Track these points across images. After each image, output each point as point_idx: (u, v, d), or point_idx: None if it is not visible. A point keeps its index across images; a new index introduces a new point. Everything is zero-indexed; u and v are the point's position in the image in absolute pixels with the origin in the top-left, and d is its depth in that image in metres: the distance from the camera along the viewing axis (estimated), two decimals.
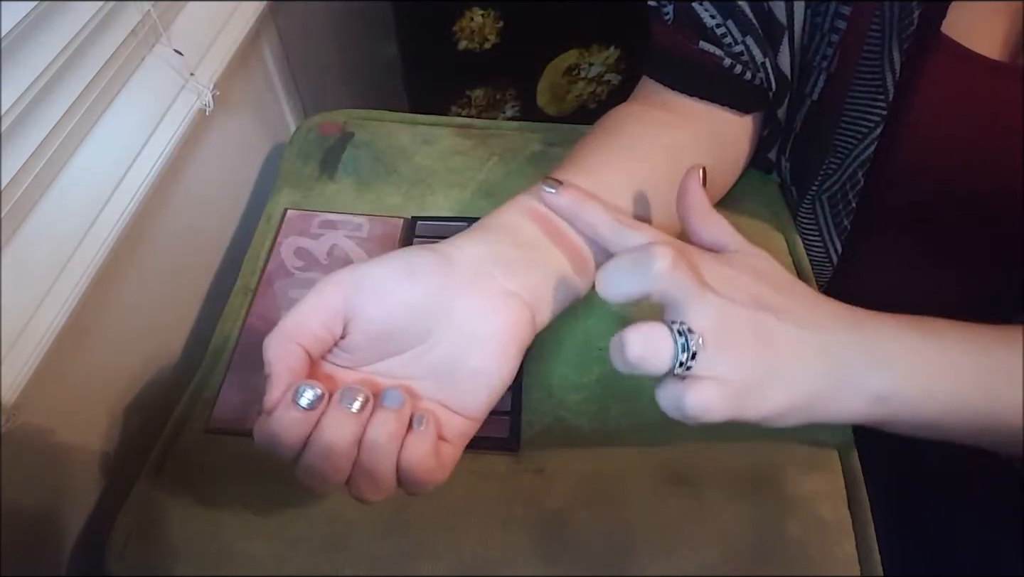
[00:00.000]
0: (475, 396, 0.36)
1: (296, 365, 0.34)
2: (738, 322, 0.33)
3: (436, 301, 0.35)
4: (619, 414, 0.45)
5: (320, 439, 0.32)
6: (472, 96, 0.95)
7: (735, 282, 0.35)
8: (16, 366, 0.37)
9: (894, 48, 0.44)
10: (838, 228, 0.52)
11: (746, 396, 0.33)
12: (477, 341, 0.35)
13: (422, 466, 0.33)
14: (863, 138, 0.47)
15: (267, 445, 0.33)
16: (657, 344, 0.32)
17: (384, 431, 0.33)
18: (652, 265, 0.33)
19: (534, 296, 0.38)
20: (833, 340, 0.35)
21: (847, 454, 0.43)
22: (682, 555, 0.39)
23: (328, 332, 0.35)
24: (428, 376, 0.36)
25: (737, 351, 0.33)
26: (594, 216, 0.38)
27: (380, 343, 0.36)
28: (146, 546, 0.40)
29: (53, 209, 0.43)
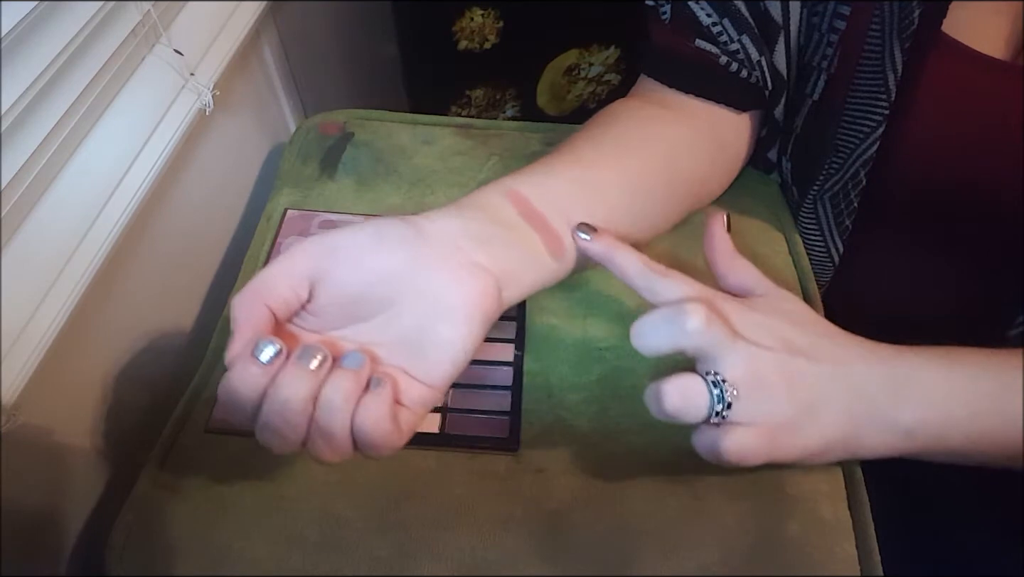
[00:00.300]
0: (438, 364, 0.36)
1: (260, 323, 0.34)
2: (769, 368, 0.35)
3: (404, 270, 0.36)
4: (619, 414, 0.45)
5: (276, 394, 0.33)
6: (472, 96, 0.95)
7: (764, 327, 0.36)
8: (16, 366, 0.37)
9: (895, 47, 0.44)
10: (840, 228, 0.52)
11: (780, 438, 0.35)
12: (443, 310, 0.36)
13: (376, 428, 0.33)
14: (865, 138, 0.47)
15: (227, 401, 0.33)
16: (694, 396, 0.34)
17: (340, 390, 0.33)
18: (686, 323, 0.34)
19: (502, 271, 0.38)
20: (861, 378, 0.37)
21: None
22: (682, 555, 0.39)
23: (295, 295, 0.35)
24: (392, 343, 0.36)
25: (770, 396, 0.35)
26: (627, 263, 0.39)
27: (346, 308, 0.36)
28: (146, 546, 0.40)
29: (53, 209, 0.43)
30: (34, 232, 0.42)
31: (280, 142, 0.71)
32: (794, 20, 0.48)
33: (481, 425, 0.44)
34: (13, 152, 0.40)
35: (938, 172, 0.47)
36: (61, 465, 0.43)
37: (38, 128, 0.41)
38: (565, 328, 0.49)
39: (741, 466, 0.35)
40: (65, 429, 0.43)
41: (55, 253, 0.42)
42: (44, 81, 0.41)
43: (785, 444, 0.35)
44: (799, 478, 0.42)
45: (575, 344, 0.49)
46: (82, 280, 0.41)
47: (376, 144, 0.62)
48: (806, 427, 0.36)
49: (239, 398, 0.33)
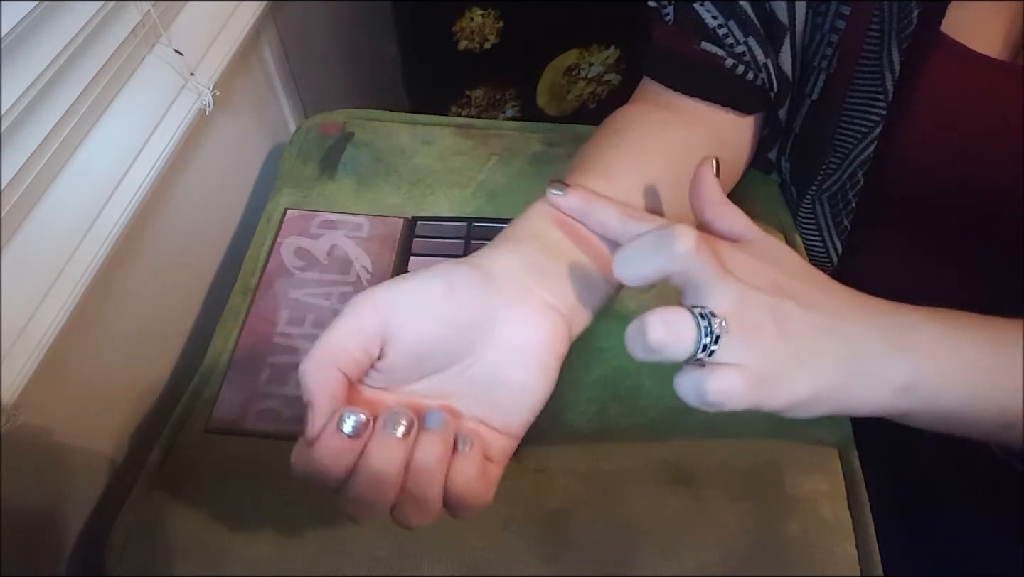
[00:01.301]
0: (516, 412, 0.35)
1: (336, 391, 0.33)
2: (760, 308, 0.33)
3: (477, 316, 0.34)
4: (619, 414, 0.45)
5: (367, 467, 0.31)
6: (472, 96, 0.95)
7: (755, 269, 0.34)
8: (16, 366, 0.37)
9: (893, 48, 0.44)
10: (838, 228, 0.52)
11: (768, 384, 0.33)
12: (518, 356, 0.35)
13: (471, 489, 0.32)
14: (863, 138, 0.47)
15: (308, 474, 0.32)
16: (680, 328, 0.31)
17: (431, 455, 0.32)
18: (674, 245, 0.32)
19: (570, 307, 0.37)
20: (856, 329, 0.35)
21: (847, 454, 0.43)
22: (682, 555, 0.39)
23: (366, 354, 0.33)
24: (467, 393, 0.35)
25: (759, 337, 0.32)
26: (604, 212, 0.38)
27: (419, 362, 0.35)
28: (146, 546, 0.40)
29: (53, 209, 0.43)
30: (34, 232, 0.42)
31: (280, 142, 0.71)
32: (800, 21, 0.48)
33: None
34: (13, 152, 0.40)
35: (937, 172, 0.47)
36: (61, 465, 0.43)
37: (38, 128, 0.41)
38: None
39: (724, 409, 0.32)
40: (65, 429, 0.43)
41: (55, 253, 0.42)
42: (44, 81, 0.41)
43: (773, 391, 0.33)
44: (799, 478, 0.42)
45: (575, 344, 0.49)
46: (82, 280, 0.41)
47: (376, 144, 0.62)
48: (795, 374, 0.33)
49: (325, 473, 0.32)
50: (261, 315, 0.50)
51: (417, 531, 0.40)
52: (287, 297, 0.51)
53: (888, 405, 0.35)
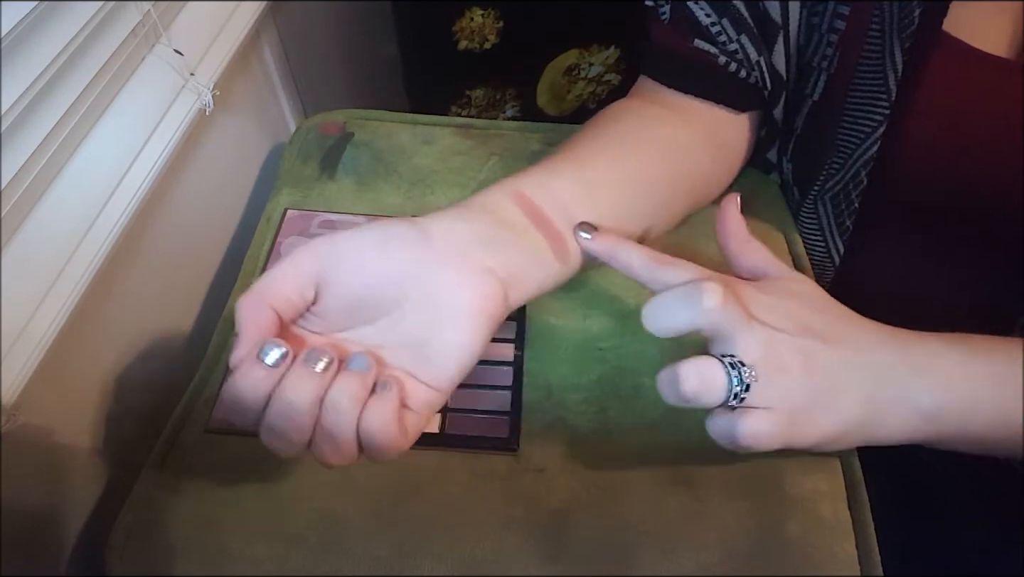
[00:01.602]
0: (444, 367, 0.36)
1: (265, 325, 0.34)
2: (786, 350, 0.35)
3: (411, 272, 0.36)
4: (619, 414, 0.45)
5: (282, 397, 0.32)
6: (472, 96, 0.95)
7: (780, 310, 0.36)
8: (16, 366, 0.37)
9: (895, 47, 0.44)
10: (840, 228, 0.52)
11: (797, 423, 0.34)
12: (448, 314, 0.36)
13: (383, 430, 0.33)
14: (866, 137, 0.47)
15: (232, 404, 0.33)
16: (712, 378, 0.33)
17: (346, 392, 0.33)
18: (702, 301, 0.34)
19: (509, 274, 0.38)
20: (879, 360, 0.36)
21: (847, 454, 0.43)
22: (682, 555, 0.39)
23: (300, 296, 0.35)
24: (397, 345, 0.36)
25: (787, 379, 0.34)
26: (631, 258, 0.39)
27: (352, 310, 0.36)
28: (146, 546, 0.40)
29: (53, 209, 0.43)
30: (34, 232, 0.42)
31: (280, 142, 0.71)
32: (793, 20, 0.48)
33: (481, 425, 0.44)
34: (13, 152, 0.40)
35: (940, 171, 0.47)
36: (61, 465, 0.43)
37: (38, 128, 0.41)
38: (565, 328, 0.49)
39: (757, 451, 0.35)
40: (65, 429, 0.43)
41: (55, 253, 0.42)
42: (44, 81, 0.41)
43: (803, 429, 0.35)
44: (799, 478, 0.42)
45: (575, 344, 0.49)
46: (82, 280, 0.41)
47: (376, 144, 0.62)
48: (824, 412, 0.35)
49: (244, 401, 0.33)
50: None
51: (417, 531, 0.40)
52: None
53: (915, 433, 0.37)
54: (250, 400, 0.33)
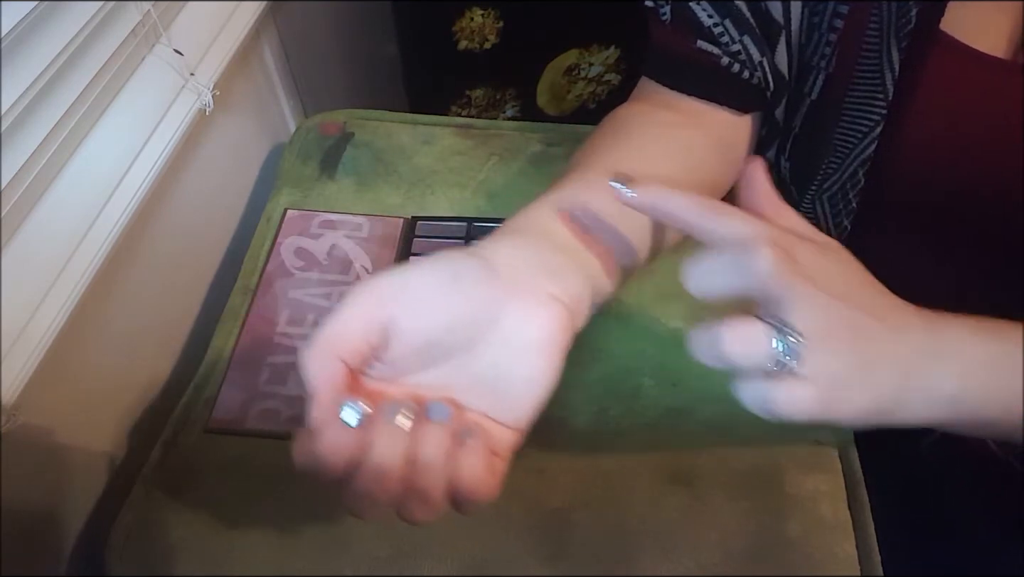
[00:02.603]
0: (521, 406, 0.34)
1: (339, 381, 0.32)
2: (839, 322, 0.33)
3: (481, 308, 0.34)
4: (619, 414, 0.45)
5: (371, 459, 0.31)
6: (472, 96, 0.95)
7: (831, 274, 0.34)
8: (16, 366, 0.37)
9: (892, 47, 0.44)
10: (839, 228, 0.52)
11: (835, 397, 0.33)
12: (522, 348, 0.34)
13: (477, 482, 0.31)
14: (863, 137, 0.47)
15: (311, 468, 0.31)
16: (756, 343, 0.31)
17: (436, 447, 0.31)
18: (754, 265, 0.31)
19: (574, 300, 0.36)
20: (914, 342, 0.35)
21: (847, 454, 0.43)
22: (682, 555, 0.39)
23: (368, 344, 0.33)
24: (471, 386, 0.34)
25: (836, 351, 0.32)
26: (679, 207, 0.36)
27: (422, 353, 0.34)
28: (146, 546, 0.40)
29: (53, 209, 0.43)
30: (34, 232, 0.42)
31: (280, 142, 0.71)
32: (795, 20, 0.48)
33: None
34: (13, 152, 0.40)
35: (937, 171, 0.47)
36: (61, 465, 0.43)
37: (38, 128, 0.41)
38: None
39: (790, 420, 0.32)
40: (65, 429, 0.43)
41: (55, 253, 0.42)
42: (44, 81, 0.41)
43: (839, 404, 0.33)
44: (799, 478, 0.42)
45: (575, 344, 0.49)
46: (82, 280, 0.41)
47: (376, 144, 0.62)
48: (860, 389, 0.33)
49: (327, 465, 0.31)
50: (261, 315, 0.50)
51: (417, 531, 0.40)
52: (287, 297, 0.51)
53: (937, 416, 0.36)
54: (335, 465, 0.31)
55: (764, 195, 0.38)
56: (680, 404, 0.45)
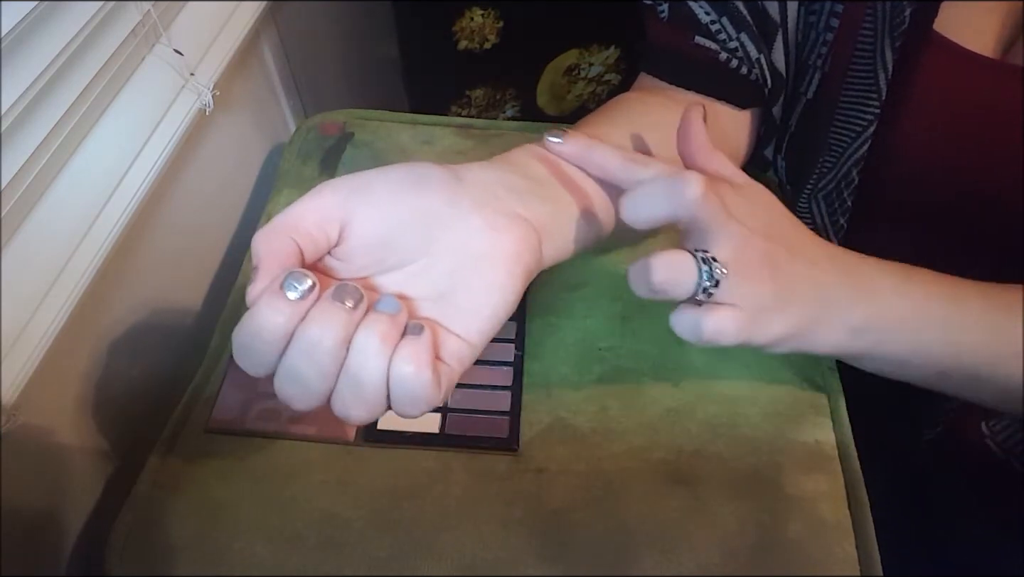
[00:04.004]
0: (476, 318, 0.33)
1: (287, 257, 0.31)
2: (756, 253, 0.35)
3: (443, 214, 0.34)
4: (619, 414, 0.45)
5: (306, 333, 0.29)
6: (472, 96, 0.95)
7: (752, 213, 0.36)
8: (16, 366, 0.37)
9: (886, 47, 0.44)
10: (834, 227, 0.52)
11: (756, 323, 0.35)
12: (481, 260, 0.33)
13: (417, 375, 0.30)
14: (857, 136, 0.47)
15: (248, 342, 0.30)
16: (682, 271, 0.33)
17: (377, 333, 0.30)
18: (685, 190, 0.33)
19: (541, 224, 0.36)
20: (828, 277, 0.37)
21: (847, 454, 0.43)
22: (682, 555, 0.39)
23: (323, 233, 0.32)
24: (426, 294, 0.34)
25: (754, 280, 0.35)
26: (606, 158, 0.38)
27: (376, 254, 0.33)
28: (146, 546, 0.40)
29: (53, 209, 0.43)
30: (34, 232, 0.42)
31: (280, 142, 0.71)
32: (792, 18, 0.49)
33: (481, 425, 0.44)
34: (13, 152, 0.40)
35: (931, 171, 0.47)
36: (61, 465, 0.43)
37: (38, 128, 0.41)
38: (565, 328, 0.49)
39: (717, 345, 0.35)
40: (65, 429, 0.43)
41: (55, 253, 0.42)
42: (44, 81, 0.41)
43: (759, 329, 0.36)
44: (799, 478, 0.42)
45: (575, 344, 0.49)
46: (82, 280, 0.41)
47: (376, 144, 0.62)
48: (778, 315, 0.36)
49: (262, 338, 0.30)
50: None
51: (417, 531, 0.40)
52: None
53: (843, 345, 0.38)
54: (269, 337, 0.29)
55: (698, 141, 0.39)
56: (680, 404, 0.45)
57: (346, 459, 0.43)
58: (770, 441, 0.43)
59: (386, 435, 0.44)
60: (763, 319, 0.35)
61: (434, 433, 0.44)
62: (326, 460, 0.43)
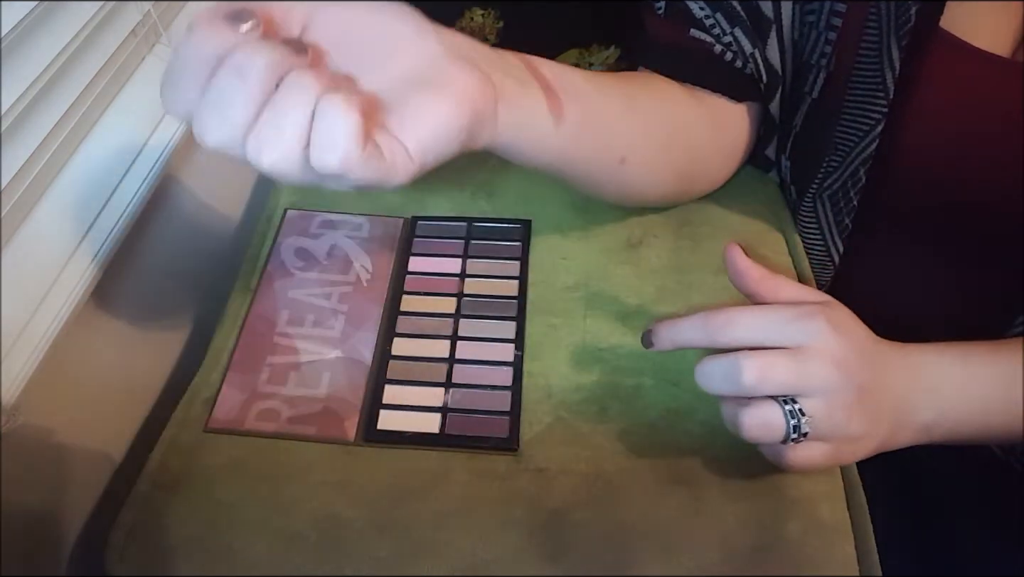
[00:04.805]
0: (415, 126, 0.33)
1: (239, 7, 0.31)
2: (844, 399, 0.37)
3: (407, 33, 0.35)
4: (619, 414, 0.45)
5: (241, 52, 0.29)
6: None
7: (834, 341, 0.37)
8: (16, 366, 0.37)
9: (892, 45, 0.44)
10: (839, 227, 0.52)
11: (842, 452, 0.38)
12: (435, 83, 0.34)
13: (344, 115, 0.29)
14: (864, 136, 0.47)
15: (181, 65, 0.30)
16: (772, 427, 0.36)
17: (308, 76, 0.30)
18: (740, 379, 0.36)
19: (503, 89, 0.37)
20: (898, 383, 0.39)
21: None
22: (682, 555, 0.39)
23: (283, 11, 0.33)
24: (376, 89, 0.34)
25: (841, 421, 0.37)
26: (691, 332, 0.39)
27: (335, 47, 0.34)
28: (146, 546, 0.40)
29: (53, 209, 0.43)
30: (34, 232, 0.42)
31: None
32: (786, 16, 0.49)
33: (481, 425, 0.44)
34: (13, 152, 0.40)
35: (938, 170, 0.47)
36: (61, 465, 0.43)
37: (38, 128, 0.41)
38: (565, 328, 0.49)
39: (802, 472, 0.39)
40: (65, 429, 0.43)
41: (55, 253, 0.42)
42: (44, 81, 0.41)
43: (847, 456, 0.38)
44: (799, 480, 0.42)
45: (575, 344, 0.49)
46: (82, 280, 0.41)
47: None
48: (868, 438, 0.38)
49: (198, 57, 0.29)
50: (261, 315, 0.50)
51: (417, 531, 0.40)
52: (287, 297, 0.51)
53: (916, 441, 0.40)
54: (204, 55, 0.29)
55: (755, 275, 0.41)
56: (680, 404, 0.45)
57: (346, 459, 0.43)
58: None
59: (386, 435, 0.44)
60: (850, 447, 0.38)
61: (434, 433, 0.44)
62: (326, 460, 0.43)
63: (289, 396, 0.46)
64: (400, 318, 0.50)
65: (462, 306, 0.51)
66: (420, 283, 0.52)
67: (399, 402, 0.45)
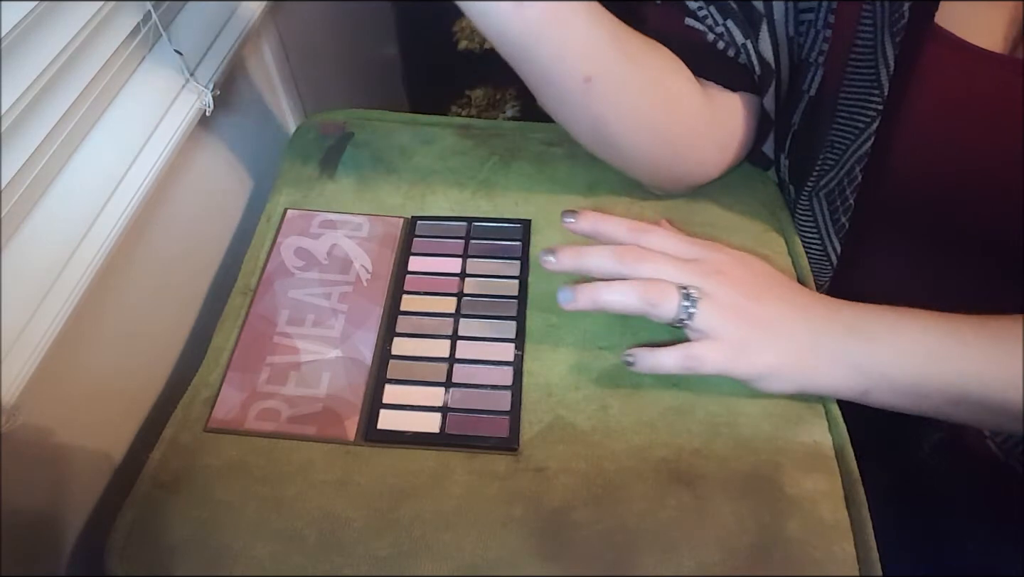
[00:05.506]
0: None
1: None
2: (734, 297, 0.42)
3: None
4: (619, 413, 0.45)
5: None
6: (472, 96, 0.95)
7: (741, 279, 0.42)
8: (16, 366, 0.37)
9: (887, 42, 0.44)
10: (836, 226, 0.52)
11: (737, 354, 0.41)
12: None
13: None
14: (859, 134, 0.47)
15: None
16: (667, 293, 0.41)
17: None
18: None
19: None
20: (819, 316, 0.42)
21: (845, 454, 0.43)
22: (682, 555, 0.39)
23: None
24: None
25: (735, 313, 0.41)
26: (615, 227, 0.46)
27: None
28: (146, 546, 0.40)
29: (53, 209, 0.43)
30: (34, 232, 0.42)
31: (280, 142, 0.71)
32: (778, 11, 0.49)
33: (481, 425, 0.44)
34: (13, 152, 0.40)
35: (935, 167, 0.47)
36: (61, 465, 0.43)
37: (38, 128, 0.42)
38: (565, 328, 0.49)
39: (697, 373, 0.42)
40: (65, 429, 0.43)
41: (55, 253, 0.42)
42: (44, 81, 0.41)
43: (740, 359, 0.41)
44: (799, 478, 0.42)
45: (575, 344, 0.49)
46: (82, 280, 0.41)
47: (376, 144, 0.62)
48: (762, 347, 0.41)
49: None
50: (261, 315, 0.50)
51: (417, 531, 0.40)
52: (287, 297, 0.51)
53: (846, 383, 0.42)
54: None
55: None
56: (680, 404, 0.45)
57: (346, 459, 0.43)
58: (770, 441, 0.43)
59: (386, 435, 0.44)
60: (745, 352, 0.41)
61: (434, 433, 0.44)
62: (326, 460, 0.43)
63: (289, 396, 0.46)
64: (400, 318, 0.50)
65: (462, 306, 0.51)
66: (420, 283, 0.52)
67: (399, 402, 0.45)
